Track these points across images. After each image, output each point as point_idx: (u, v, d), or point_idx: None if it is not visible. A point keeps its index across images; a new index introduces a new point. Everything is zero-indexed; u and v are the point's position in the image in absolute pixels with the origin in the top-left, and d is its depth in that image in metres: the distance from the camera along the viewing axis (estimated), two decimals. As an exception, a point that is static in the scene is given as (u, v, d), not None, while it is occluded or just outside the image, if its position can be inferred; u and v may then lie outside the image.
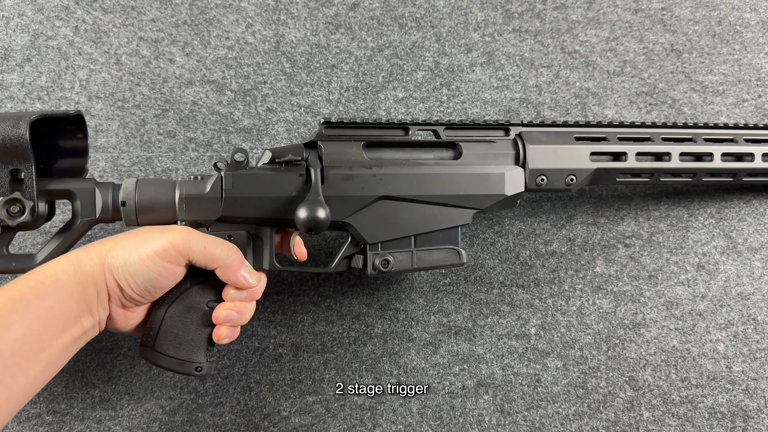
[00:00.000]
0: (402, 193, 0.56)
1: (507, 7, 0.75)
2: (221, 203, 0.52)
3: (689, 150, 0.62)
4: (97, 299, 0.47)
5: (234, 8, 0.72)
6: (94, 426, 0.63)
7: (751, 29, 0.77)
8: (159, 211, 0.52)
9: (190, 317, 0.52)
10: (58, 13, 0.70)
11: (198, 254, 0.49)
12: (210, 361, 0.54)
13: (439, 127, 0.58)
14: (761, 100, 0.75)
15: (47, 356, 0.44)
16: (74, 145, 0.55)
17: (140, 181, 0.52)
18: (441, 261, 0.57)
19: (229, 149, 0.69)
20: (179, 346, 0.52)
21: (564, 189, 0.60)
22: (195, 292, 0.52)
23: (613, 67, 0.75)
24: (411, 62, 0.73)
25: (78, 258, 0.47)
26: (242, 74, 0.71)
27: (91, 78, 0.69)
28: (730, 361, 0.67)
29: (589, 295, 0.68)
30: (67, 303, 0.45)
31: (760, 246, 0.71)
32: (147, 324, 0.52)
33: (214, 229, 0.53)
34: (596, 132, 0.62)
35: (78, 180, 0.53)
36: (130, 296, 0.48)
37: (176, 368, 0.52)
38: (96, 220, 0.52)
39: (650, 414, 0.66)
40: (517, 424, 0.65)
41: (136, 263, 0.47)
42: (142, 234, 0.49)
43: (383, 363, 0.66)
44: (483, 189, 0.57)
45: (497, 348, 0.67)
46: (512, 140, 0.59)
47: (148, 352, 0.52)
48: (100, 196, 0.52)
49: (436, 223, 0.57)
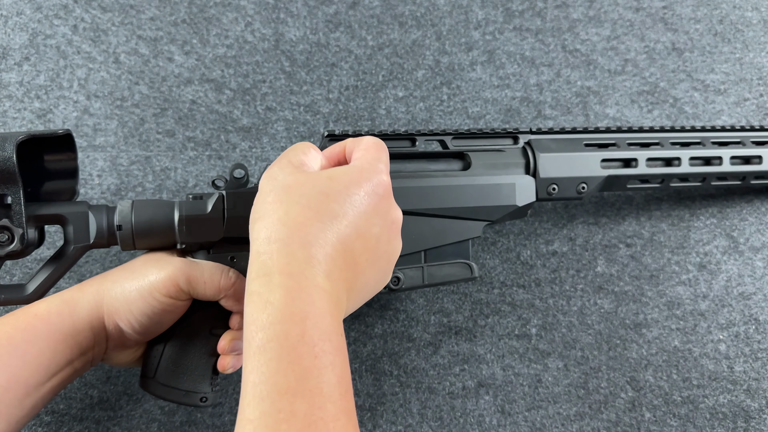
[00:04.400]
0: (411, 206, 0.54)
1: (508, 5, 0.75)
2: (223, 224, 0.49)
3: (698, 154, 0.62)
4: (93, 342, 0.45)
5: (233, 7, 0.72)
6: (93, 426, 0.63)
7: (753, 28, 0.77)
8: (158, 234, 0.48)
9: (193, 346, 0.50)
10: (56, 12, 0.70)
11: (199, 289, 0.47)
12: (215, 390, 0.52)
13: (446, 137, 0.57)
14: (763, 99, 0.74)
15: (32, 401, 0.42)
16: (63, 165, 0.51)
17: (136, 202, 0.49)
18: (452, 276, 0.56)
19: (228, 148, 0.69)
20: (182, 376, 0.50)
21: (575, 197, 0.59)
22: (197, 320, 0.50)
23: (614, 65, 0.74)
24: (411, 61, 0.73)
25: (73, 299, 0.44)
26: (241, 73, 0.71)
27: (90, 77, 0.69)
28: (731, 361, 0.67)
29: (591, 295, 0.68)
30: (58, 348, 0.42)
31: (762, 246, 0.70)
32: (147, 355, 0.50)
33: (216, 251, 0.50)
34: (606, 138, 0.61)
35: (69, 204, 0.49)
36: (131, 336, 0.46)
37: (180, 400, 0.50)
38: (90, 245, 0.48)
39: (651, 414, 0.65)
40: (518, 424, 0.65)
41: (136, 301, 0.45)
42: (138, 268, 0.46)
43: (383, 363, 0.66)
44: (493, 200, 0.56)
45: (498, 348, 0.67)
46: (521, 148, 0.58)
47: (149, 384, 0.50)
48: (94, 220, 0.48)
49: (446, 237, 0.55)
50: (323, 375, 0.32)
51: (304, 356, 0.32)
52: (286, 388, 0.31)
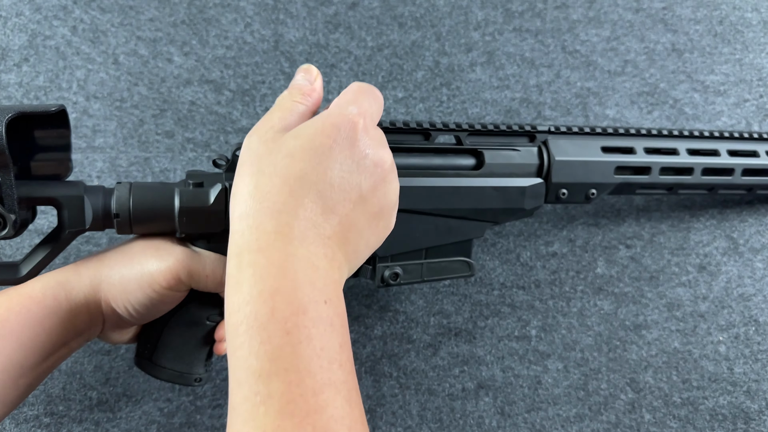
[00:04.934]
0: (418, 206, 0.53)
1: (507, 6, 0.75)
2: (225, 216, 0.48)
3: (712, 164, 0.61)
4: (89, 324, 0.44)
5: (232, 7, 0.72)
6: (92, 428, 0.63)
7: (753, 29, 0.77)
8: (157, 222, 0.47)
9: (190, 332, 0.50)
10: (56, 13, 0.70)
11: (200, 282, 0.46)
12: (209, 371, 0.53)
13: (462, 132, 0.54)
14: (762, 100, 0.74)
15: (27, 381, 0.41)
16: (56, 142, 0.47)
17: (135, 186, 0.47)
18: (451, 272, 0.56)
19: (228, 149, 0.69)
20: (178, 359, 0.50)
21: (583, 202, 0.58)
22: (194, 308, 0.50)
23: (614, 66, 0.74)
24: (411, 62, 0.73)
25: (69, 282, 0.43)
26: (241, 74, 0.71)
27: (89, 78, 0.69)
28: (731, 362, 0.67)
29: (590, 297, 0.68)
30: (54, 330, 0.42)
31: (762, 247, 0.70)
32: (143, 336, 0.50)
33: (216, 242, 0.49)
34: (624, 141, 0.59)
35: (64, 185, 0.46)
36: (127, 320, 0.46)
37: (175, 380, 0.51)
38: (86, 229, 0.46)
39: (651, 416, 0.65)
40: (518, 426, 0.65)
41: (135, 291, 0.44)
42: (138, 255, 0.45)
43: (383, 365, 0.65)
44: (502, 203, 0.54)
45: (497, 350, 0.66)
46: (537, 149, 0.56)
47: (145, 364, 0.50)
48: (90, 204, 0.46)
49: (450, 236, 0.54)
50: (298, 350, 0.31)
51: (274, 334, 0.31)
52: (260, 370, 0.30)
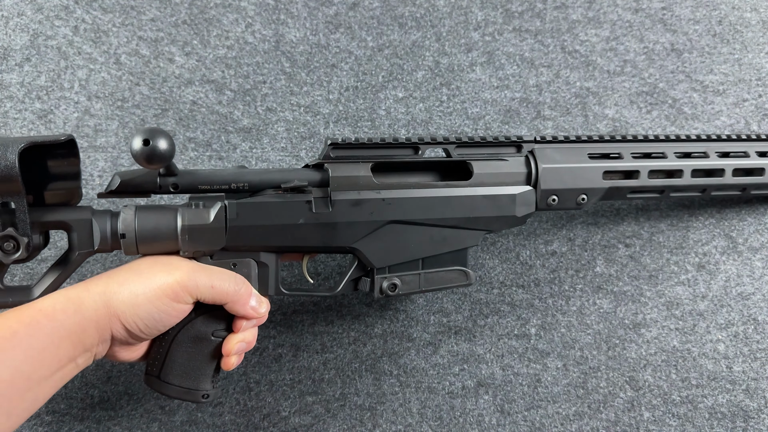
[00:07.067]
0: (412, 217, 0.54)
1: (507, 6, 0.75)
2: (225, 233, 0.51)
3: (701, 166, 0.62)
4: (97, 340, 0.45)
5: (234, 8, 0.72)
6: (94, 426, 0.63)
7: (752, 29, 0.77)
8: (160, 242, 0.50)
9: (197, 348, 0.51)
10: (57, 13, 0.70)
11: (206, 294, 0.48)
12: (216, 387, 0.53)
13: (449, 145, 0.56)
14: (761, 100, 0.75)
15: (33, 395, 0.42)
16: (66, 170, 0.50)
17: (139, 209, 0.50)
18: (449, 282, 0.57)
19: (229, 149, 0.69)
20: (185, 375, 0.51)
21: (575, 208, 0.59)
22: (200, 323, 0.51)
23: (613, 66, 0.75)
24: (411, 62, 0.73)
25: (79, 298, 0.45)
26: (242, 74, 0.71)
27: (91, 78, 0.69)
28: (730, 361, 0.67)
29: (590, 295, 0.68)
30: (62, 344, 0.43)
31: (761, 246, 0.70)
32: (151, 354, 0.51)
33: (217, 258, 0.52)
34: (610, 148, 0.60)
35: (73, 210, 0.49)
36: (136, 336, 0.47)
37: (183, 396, 0.51)
38: (94, 251, 0.50)
39: (650, 414, 0.65)
40: (517, 424, 0.65)
41: (144, 305, 0.45)
42: (146, 271, 0.47)
43: (383, 363, 0.66)
44: (494, 211, 0.56)
45: (497, 348, 0.67)
46: (524, 158, 0.58)
47: (153, 381, 0.51)
48: (98, 226, 0.49)
49: (445, 246, 0.56)
50: None
51: None
52: None
